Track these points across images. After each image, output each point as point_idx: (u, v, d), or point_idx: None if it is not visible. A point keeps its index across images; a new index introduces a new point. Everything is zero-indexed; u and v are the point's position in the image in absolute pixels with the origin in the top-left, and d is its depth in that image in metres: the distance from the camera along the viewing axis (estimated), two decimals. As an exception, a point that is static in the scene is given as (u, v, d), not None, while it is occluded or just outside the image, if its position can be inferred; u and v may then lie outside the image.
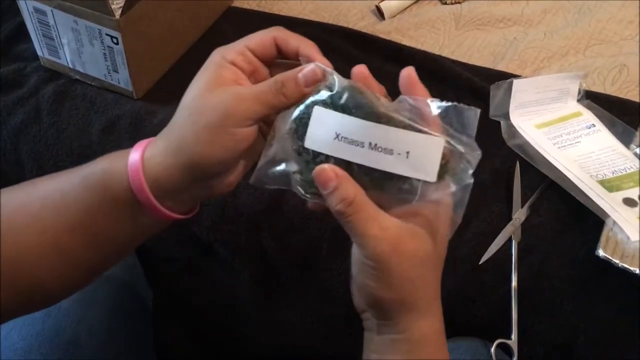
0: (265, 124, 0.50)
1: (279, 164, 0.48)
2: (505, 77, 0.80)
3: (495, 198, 0.71)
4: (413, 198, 0.46)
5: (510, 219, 0.69)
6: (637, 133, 0.75)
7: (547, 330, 0.65)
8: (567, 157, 0.73)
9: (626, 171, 0.71)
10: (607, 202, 0.67)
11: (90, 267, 0.51)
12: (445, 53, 0.89)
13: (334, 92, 0.47)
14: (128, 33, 0.73)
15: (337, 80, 0.47)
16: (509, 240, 0.68)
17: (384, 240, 0.44)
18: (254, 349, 0.89)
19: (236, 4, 0.96)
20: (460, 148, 0.46)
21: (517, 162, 0.73)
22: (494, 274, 0.67)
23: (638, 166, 0.71)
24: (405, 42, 0.90)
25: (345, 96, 0.47)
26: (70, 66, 0.81)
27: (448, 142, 0.46)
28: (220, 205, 0.72)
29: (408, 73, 0.48)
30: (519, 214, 0.69)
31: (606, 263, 0.62)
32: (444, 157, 0.46)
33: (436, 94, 0.84)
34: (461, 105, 0.46)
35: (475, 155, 0.46)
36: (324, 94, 0.47)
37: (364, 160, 0.46)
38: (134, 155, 0.47)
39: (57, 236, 0.47)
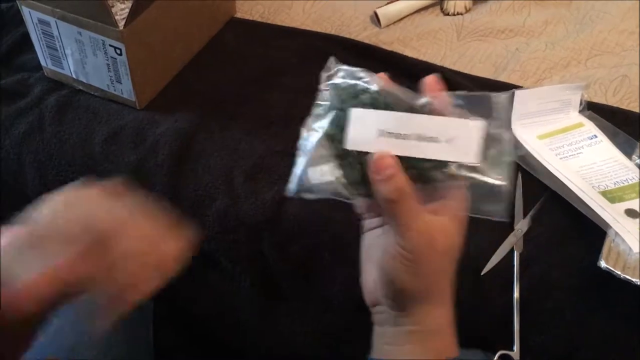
0: None
1: (318, 174, 0.48)
2: (507, 88, 0.80)
3: (497, 209, 0.71)
4: (459, 182, 0.48)
5: (512, 229, 0.69)
6: (639, 144, 0.75)
7: (549, 341, 0.65)
8: (569, 168, 0.73)
9: (628, 182, 0.70)
10: (609, 213, 0.66)
11: None
12: (447, 64, 0.89)
13: (371, 91, 0.48)
14: (131, 44, 0.73)
15: (371, 79, 0.48)
16: (511, 251, 0.68)
17: (424, 234, 0.46)
18: (255, 357, 0.89)
19: (239, 14, 0.97)
20: (494, 130, 0.47)
21: (519, 173, 0.73)
22: (496, 284, 0.67)
23: (640, 177, 0.71)
24: (407, 52, 0.91)
25: (382, 94, 0.47)
26: (74, 77, 0.82)
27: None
28: (221, 214, 0.72)
29: (434, 79, 0.50)
30: (521, 225, 0.69)
31: (608, 274, 0.62)
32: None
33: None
34: (487, 93, 0.49)
35: (507, 136, 0.47)
36: (361, 96, 0.47)
37: (411, 152, 0.47)
38: None
39: None
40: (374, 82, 0.48)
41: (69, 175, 0.78)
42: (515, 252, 0.68)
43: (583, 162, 0.74)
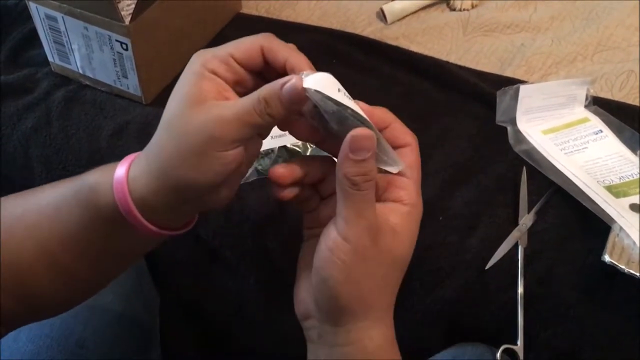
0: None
1: None
2: (513, 83, 0.80)
3: (501, 203, 0.71)
4: None
5: (516, 224, 0.69)
6: (645, 139, 0.75)
7: (553, 337, 0.65)
8: (574, 162, 0.73)
9: (633, 177, 0.70)
10: (614, 208, 0.66)
11: (86, 282, 0.50)
12: (452, 59, 0.89)
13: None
14: (137, 39, 0.74)
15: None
16: (515, 245, 0.68)
17: (372, 226, 0.42)
18: (260, 354, 0.89)
19: (245, 10, 0.97)
20: None
21: (524, 167, 0.73)
22: (500, 279, 0.67)
23: (645, 172, 0.71)
24: (413, 48, 0.91)
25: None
26: (81, 72, 0.82)
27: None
28: (225, 209, 0.73)
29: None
30: (526, 220, 0.69)
31: (612, 269, 0.62)
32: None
33: (443, 99, 0.84)
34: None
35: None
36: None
37: None
38: (120, 173, 0.45)
39: (52, 250, 0.46)
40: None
41: (75, 170, 0.79)
42: (520, 246, 0.68)
43: (588, 157, 0.74)
